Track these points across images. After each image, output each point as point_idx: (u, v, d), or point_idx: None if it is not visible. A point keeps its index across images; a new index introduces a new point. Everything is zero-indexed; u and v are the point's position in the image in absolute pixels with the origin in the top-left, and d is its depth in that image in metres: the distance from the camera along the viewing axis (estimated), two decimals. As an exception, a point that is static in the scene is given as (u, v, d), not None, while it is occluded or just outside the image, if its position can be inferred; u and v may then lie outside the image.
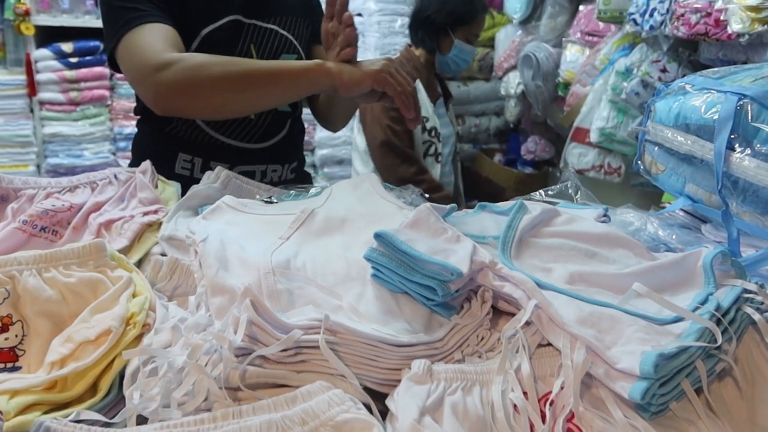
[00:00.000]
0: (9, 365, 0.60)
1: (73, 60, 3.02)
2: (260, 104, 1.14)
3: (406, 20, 3.04)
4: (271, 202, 0.87)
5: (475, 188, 2.51)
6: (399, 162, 2.17)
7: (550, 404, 0.51)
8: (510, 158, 3.58)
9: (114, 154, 3.21)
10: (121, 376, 0.57)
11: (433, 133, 2.27)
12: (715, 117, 0.86)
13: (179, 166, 1.25)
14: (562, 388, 0.52)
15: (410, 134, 2.22)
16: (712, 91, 0.90)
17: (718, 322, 0.55)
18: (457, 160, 2.47)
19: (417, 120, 1.08)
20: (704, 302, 0.59)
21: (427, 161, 2.27)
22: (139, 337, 0.60)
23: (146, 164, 0.99)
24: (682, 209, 1.03)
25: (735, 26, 1.59)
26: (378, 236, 0.63)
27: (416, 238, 0.64)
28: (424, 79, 2.30)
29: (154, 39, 1.05)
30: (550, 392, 0.52)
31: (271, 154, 1.31)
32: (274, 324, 0.54)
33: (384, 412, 0.52)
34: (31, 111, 3.09)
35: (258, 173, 1.29)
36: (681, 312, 0.56)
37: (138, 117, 1.33)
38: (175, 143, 1.24)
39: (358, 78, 1.03)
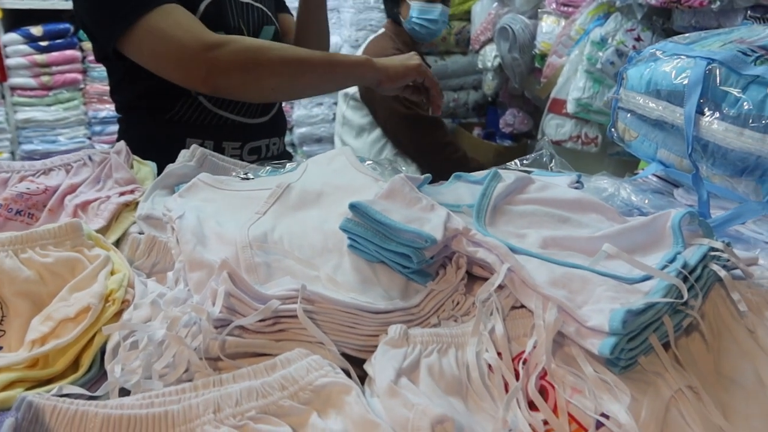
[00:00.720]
0: (-11, 346, 0.61)
1: (43, 43, 2.96)
2: (309, 91, 1.27)
3: (382, -5, 3.02)
4: (248, 178, 0.87)
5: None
6: (432, 129, 2.16)
7: (524, 363, 0.53)
8: (489, 132, 3.59)
9: (89, 138, 3.17)
10: (102, 351, 0.57)
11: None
12: (685, 82, 0.87)
13: None
14: (534, 347, 0.53)
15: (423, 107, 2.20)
16: (682, 57, 0.91)
17: (685, 279, 0.57)
18: None
19: (440, 108, 1.25)
20: (672, 261, 0.60)
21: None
22: (118, 314, 0.61)
23: (120, 144, 0.98)
24: (654, 174, 1.05)
25: (706, -7, 1.60)
26: (353, 207, 0.64)
27: (391, 207, 0.65)
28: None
29: (189, 19, 1.06)
30: (524, 351, 0.54)
31: (272, 127, 1.33)
32: (252, 295, 0.55)
33: (363, 377, 0.53)
34: (2, 97, 3.02)
35: (263, 148, 1.32)
36: (649, 270, 0.57)
37: (124, 111, 1.29)
38: (181, 129, 1.22)
39: (402, 72, 1.17)
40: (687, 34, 1.01)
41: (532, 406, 0.50)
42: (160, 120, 1.22)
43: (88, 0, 1.10)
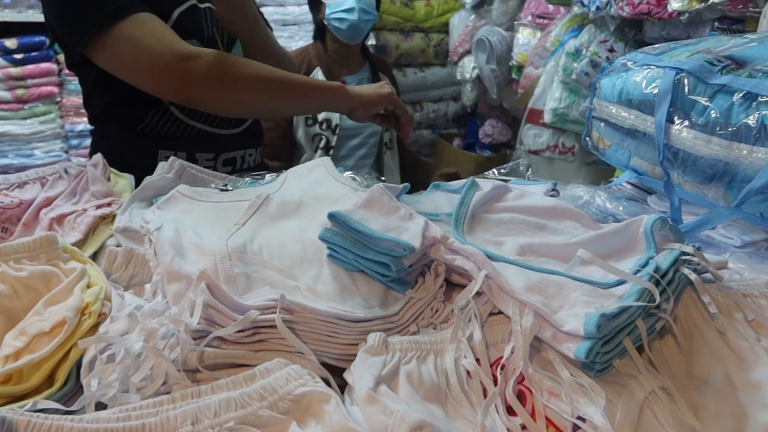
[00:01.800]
0: (-38, 362, 0.59)
1: (18, 56, 2.92)
2: (281, 111, 1.29)
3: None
4: (226, 190, 0.87)
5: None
6: (280, 142, 2.06)
7: (502, 368, 0.53)
8: (469, 142, 3.63)
9: (66, 152, 3.12)
10: (78, 365, 0.56)
11: (324, 126, 2.11)
12: (655, 91, 0.89)
13: None
14: (512, 352, 0.54)
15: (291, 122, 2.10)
16: (652, 67, 0.93)
17: (657, 283, 0.58)
18: (385, 155, 2.26)
19: (409, 136, 1.28)
20: (645, 265, 0.62)
21: (318, 155, 2.11)
22: (95, 327, 0.60)
23: (97, 157, 0.97)
24: (628, 182, 1.07)
25: (675, 5, 1.65)
26: (332, 216, 0.64)
27: (369, 217, 0.66)
28: (324, 65, 2.15)
29: (162, 28, 1.06)
30: (502, 357, 0.54)
31: (247, 138, 1.32)
32: (231, 306, 0.55)
33: (342, 386, 0.53)
34: (-24, 110, 2.97)
35: (238, 159, 1.31)
36: (622, 275, 0.58)
37: (96, 122, 1.28)
38: (152, 141, 1.21)
39: (375, 100, 1.19)
40: (656, 45, 1.03)
41: (510, 410, 0.51)
42: (132, 131, 1.21)
43: (58, 4, 1.09)
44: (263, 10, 2.97)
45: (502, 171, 1.06)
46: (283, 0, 3.08)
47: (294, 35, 3.07)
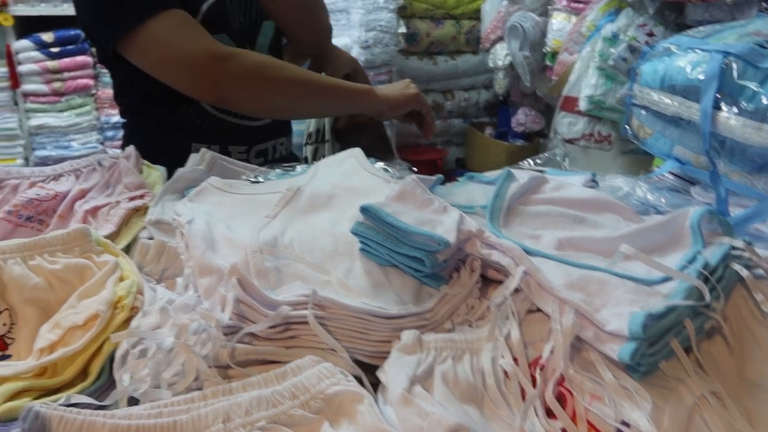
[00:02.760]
0: (-2, 354, 0.60)
1: (55, 50, 2.98)
2: (312, 113, 1.28)
3: (391, -5, 3.01)
4: (258, 182, 0.87)
5: None
6: None
7: (541, 369, 0.51)
8: (501, 131, 3.57)
9: (102, 143, 3.19)
10: (111, 359, 0.56)
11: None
12: (701, 77, 0.85)
13: None
14: (552, 352, 0.52)
15: None
16: (697, 51, 0.89)
17: (706, 280, 0.55)
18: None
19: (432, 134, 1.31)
20: (692, 261, 0.59)
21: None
22: (127, 321, 0.60)
23: (130, 149, 0.98)
24: (670, 172, 1.02)
25: (720, -14, 1.57)
26: (364, 210, 0.63)
27: (403, 210, 0.64)
28: None
29: (194, 27, 1.06)
30: (541, 357, 0.52)
31: (277, 128, 1.33)
32: (262, 301, 0.54)
33: (375, 385, 0.52)
34: (15, 104, 3.05)
35: (270, 150, 1.31)
36: (668, 271, 0.56)
37: (128, 116, 1.28)
38: (185, 135, 1.21)
39: (403, 101, 1.22)
40: (701, 28, 0.99)
41: (549, 413, 0.49)
42: (165, 125, 1.21)
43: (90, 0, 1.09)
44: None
45: (538, 161, 1.03)
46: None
47: (339, 20, 3.04)
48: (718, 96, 0.82)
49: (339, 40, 3.11)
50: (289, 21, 1.29)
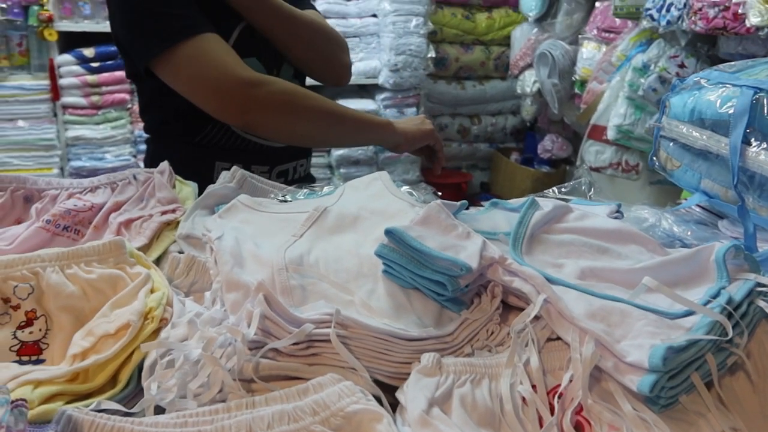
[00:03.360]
0: (33, 358, 0.62)
1: (95, 65, 3.08)
2: (334, 142, 1.41)
3: (421, 20, 3.05)
4: (285, 201, 0.89)
5: None
6: None
7: (559, 397, 0.51)
8: (527, 157, 3.57)
9: (135, 156, 3.26)
10: (140, 368, 0.58)
11: None
12: (731, 111, 0.85)
13: (218, 175, 1.26)
14: (571, 381, 0.52)
15: None
16: (728, 86, 0.89)
17: (730, 316, 0.55)
18: None
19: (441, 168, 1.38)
20: (716, 296, 0.59)
21: None
22: (156, 331, 0.62)
23: (164, 165, 1.01)
24: (698, 205, 1.02)
25: (753, 20, 1.57)
26: (389, 232, 0.64)
27: (426, 234, 0.65)
28: None
29: (226, 51, 1.10)
30: (559, 385, 0.53)
31: (299, 149, 1.35)
32: (287, 318, 0.55)
33: (394, 405, 0.53)
34: (55, 115, 3.15)
35: (290, 171, 1.34)
36: (691, 305, 0.56)
37: (153, 132, 1.31)
38: (209, 153, 1.24)
39: (419, 137, 1.28)
40: (733, 63, 0.99)
41: (567, 442, 0.49)
42: (189, 142, 1.24)
43: (128, 16, 1.12)
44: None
45: (563, 190, 1.03)
46: (346, 12, 3.13)
47: (355, 47, 3.11)
48: (748, 131, 0.82)
49: (369, 63, 3.15)
50: (303, 60, 1.30)
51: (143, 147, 3.28)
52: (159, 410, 0.52)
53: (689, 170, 0.98)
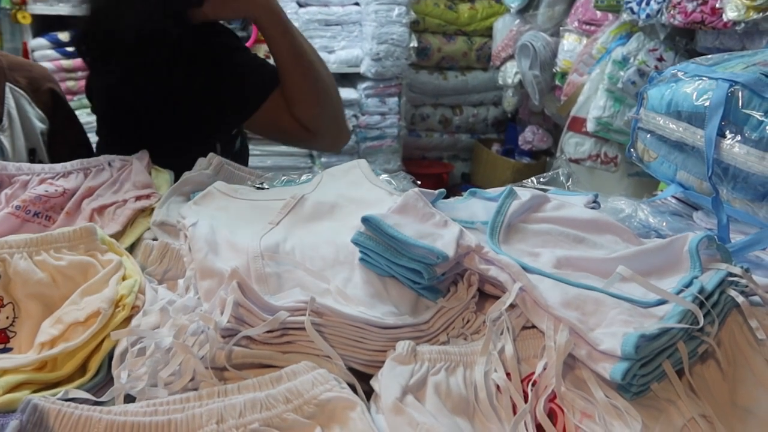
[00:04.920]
0: (0, 346, 0.61)
1: (70, 49, 3.00)
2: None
3: (404, 9, 3.03)
4: (262, 188, 0.88)
5: None
6: None
7: (533, 385, 0.52)
8: (508, 148, 3.58)
9: (112, 143, 3.21)
10: (110, 357, 0.57)
11: None
12: (707, 104, 0.86)
13: None
14: (544, 369, 0.52)
15: None
16: (704, 78, 0.90)
17: (701, 305, 0.56)
18: None
19: None
20: (688, 285, 0.59)
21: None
22: (128, 319, 0.61)
23: (143, 152, 1.00)
24: (674, 196, 1.03)
25: (731, 14, 1.59)
26: (365, 220, 0.63)
27: (404, 222, 0.65)
28: None
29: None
30: (533, 373, 0.53)
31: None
32: (261, 306, 0.55)
33: (369, 393, 0.53)
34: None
35: None
36: (664, 294, 0.56)
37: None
38: None
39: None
40: (710, 56, 1.00)
41: (540, 429, 0.49)
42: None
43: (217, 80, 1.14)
44: (307, 10, 3.02)
45: (541, 180, 1.03)
46: (327, 0, 3.10)
47: (337, 35, 3.08)
48: (723, 123, 0.83)
49: (350, 51, 3.13)
50: (310, 116, 1.23)
51: (120, 134, 3.22)
52: (129, 399, 0.52)
53: (665, 162, 0.99)
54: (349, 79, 3.24)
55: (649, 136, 1.01)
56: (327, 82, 1.23)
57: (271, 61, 1.20)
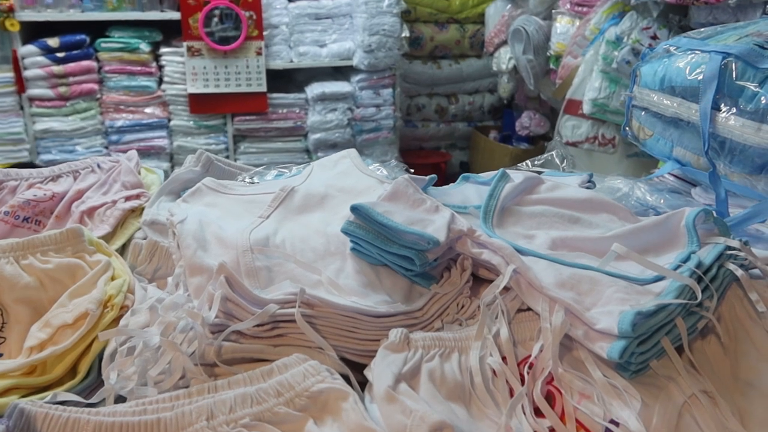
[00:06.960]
0: (-10, 353, 0.60)
1: (60, 54, 2.99)
2: None
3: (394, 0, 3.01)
4: (252, 183, 0.86)
5: None
6: None
7: (529, 367, 0.51)
8: (505, 135, 3.56)
9: (106, 147, 3.19)
10: (100, 358, 0.56)
11: None
12: (700, 77, 0.84)
13: None
14: (541, 351, 0.51)
15: None
16: (697, 52, 0.88)
17: (699, 280, 0.55)
18: None
19: None
20: (686, 260, 0.58)
21: None
22: (117, 319, 0.60)
23: (132, 152, 0.98)
24: (671, 173, 1.02)
25: (723, -12, 1.56)
26: (355, 209, 0.62)
27: (394, 209, 0.64)
28: None
29: None
30: (530, 356, 0.52)
31: None
32: (250, 299, 0.54)
33: (363, 383, 0.52)
34: (21, 108, 3.06)
35: None
36: (660, 270, 0.55)
37: None
38: None
39: None
40: (702, 29, 0.98)
41: (538, 412, 0.48)
42: None
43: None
44: (297, 4, 2.99)
45: (536, 162, 1.02)
46: (318, -6, 3.07)
47: (328, 29, 3.06)
48: (717, 96, 0.82)
49: (342, 44, 3.11)
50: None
51: (115, 138, 3.21)
52: (120, 400, 0.51)
53: (661, 139, 0.98)
54: (343, 72, 3.22)
55: (643, 113, 1.00)
56: None
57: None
